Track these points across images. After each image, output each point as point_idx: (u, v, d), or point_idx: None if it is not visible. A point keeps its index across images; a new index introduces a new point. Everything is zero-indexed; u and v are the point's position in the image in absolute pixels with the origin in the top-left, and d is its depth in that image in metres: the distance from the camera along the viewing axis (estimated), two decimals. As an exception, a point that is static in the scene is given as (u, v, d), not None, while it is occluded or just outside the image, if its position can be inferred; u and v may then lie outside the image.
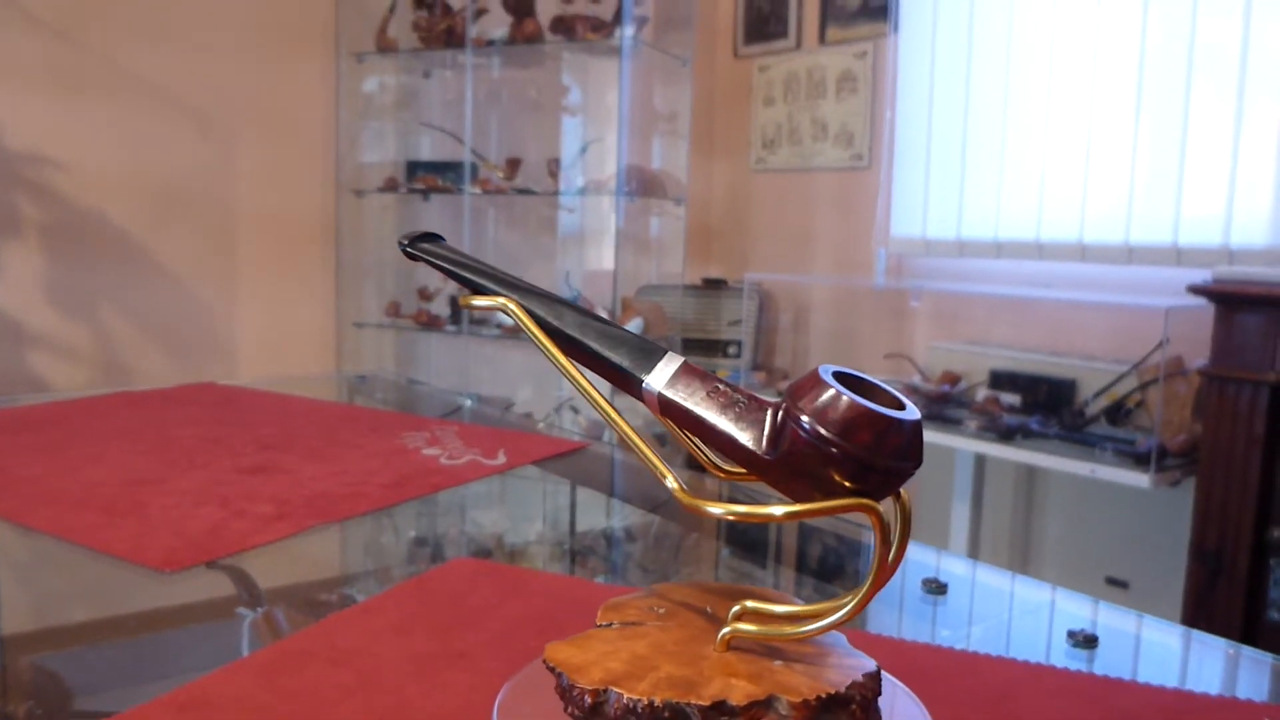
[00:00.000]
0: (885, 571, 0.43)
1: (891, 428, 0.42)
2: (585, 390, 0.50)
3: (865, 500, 0.43)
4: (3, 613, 0.76)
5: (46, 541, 0.82)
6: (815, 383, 0.44)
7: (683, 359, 0.48)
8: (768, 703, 0.41)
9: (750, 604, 0.47)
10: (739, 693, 0.41)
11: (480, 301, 0.53)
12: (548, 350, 0.51)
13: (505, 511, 1.04)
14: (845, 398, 0.42)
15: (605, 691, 0.42)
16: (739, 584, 0.52)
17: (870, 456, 0.42)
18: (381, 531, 0.92)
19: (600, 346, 0.50)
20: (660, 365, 0.48)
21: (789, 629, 0.45)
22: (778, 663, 0.44)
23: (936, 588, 0.74)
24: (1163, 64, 2.35)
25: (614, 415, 0.49)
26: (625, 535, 0.99)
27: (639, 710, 0.41)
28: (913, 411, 0.43)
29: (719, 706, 0.40)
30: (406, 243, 0.55)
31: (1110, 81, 2.45)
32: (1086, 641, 0.63)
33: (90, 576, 0.79)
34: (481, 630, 0.63)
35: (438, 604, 0.68)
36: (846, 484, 0.42)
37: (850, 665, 0.44)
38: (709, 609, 0.50)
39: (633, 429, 0.49)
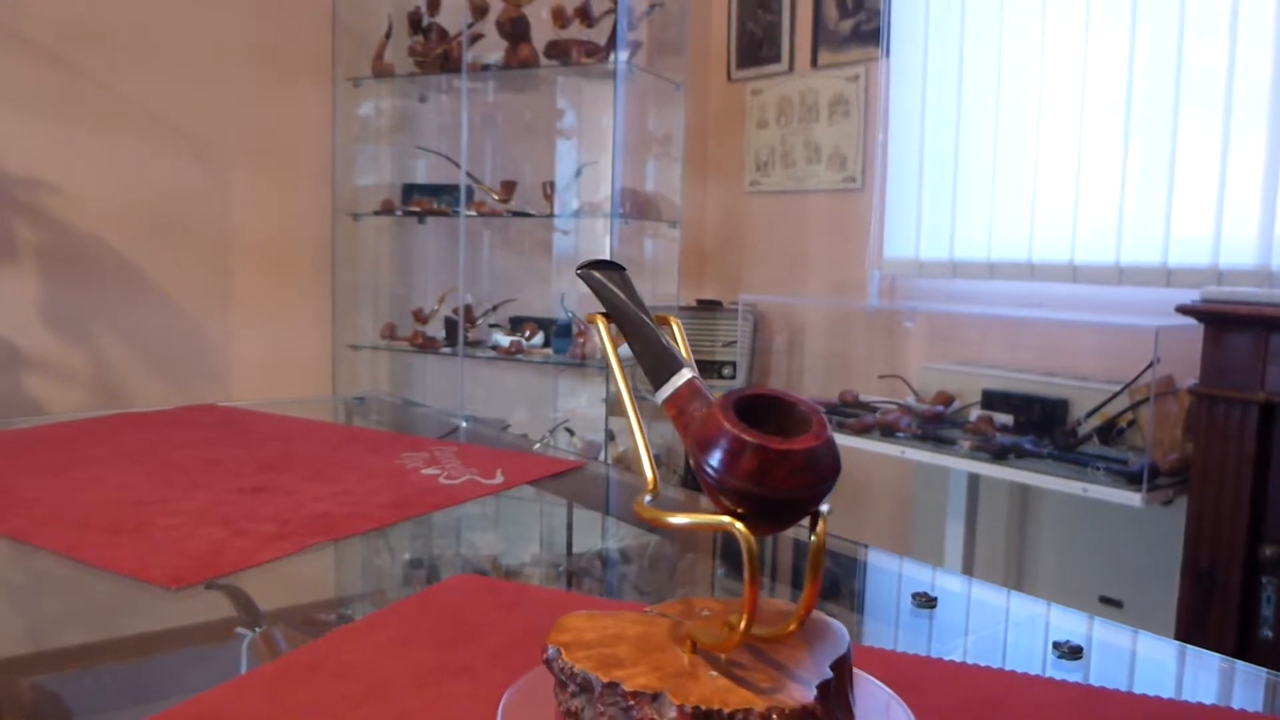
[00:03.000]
0: (753, 598, 0.43)
1: (745, 451, 0.42)
2: (624, 401, 0.53)
3: (730, 521, 0.43)
4: (9, 631, 0.77)
5: (52, 560, 0.83)
6: (716, 402, 0.45)
7: (690, 376, 0.50)
8: (654, 697, 0.43)
9: (733, 618, 0.48)
10: (637, 681, 0.44)
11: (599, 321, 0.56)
12: (611, 363, 0.54)
13: (503, 530, 1.05)
14: (716, 417, 0.43)
15: (553, 650, 0.47)
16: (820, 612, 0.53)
17: (720, 476, 0.42)
18: (382, 550, 0.93)
19: (642, 360, 0.52)
20: (671, 380, 0.50)
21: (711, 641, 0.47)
22: (713, 673, 0.45)
23: (926, 601, 0.76)
24: (1151, 87, 2.38)
25: (635, 426, 0.52)
26: (621, 553, 1.00)
27: (566, 672, 0.46)
28: (806, 441, 0.43)
29: (612, 686, 0.44)
30: (580, 270, 0.58)
31: (1099, 104, 2.48)
32: (1071, 653, 0.65)
33: (96, 595, 0.80)
34: (483, 644, 0.65)
35: (440, 619, 0.69)
36: (724, 502, 0.43)
37: (785, 692, 0.44)
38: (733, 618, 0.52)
39: (645, 442, 0.50)
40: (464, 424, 1.71)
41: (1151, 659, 0.72)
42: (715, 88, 3.66)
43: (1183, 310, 1.93)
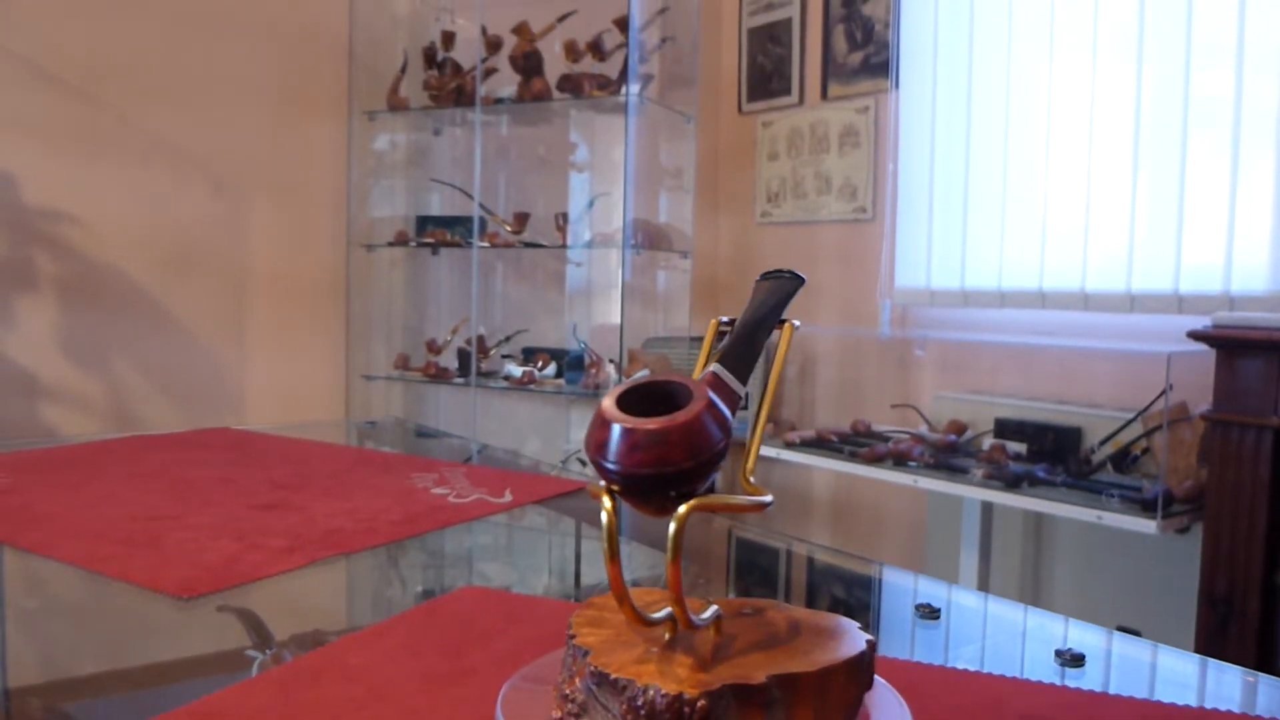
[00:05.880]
0: (616, 575, 0.47)
1: (598, 426, 0.47)
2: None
3: (600, 493, 0.48)
4: (22, 642, 0.77)
5: (67, 572, 0.84)
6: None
7: (711, 372, 0.53)
8: (585, 653, 0.49)
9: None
10: (587, 640, 0.50)
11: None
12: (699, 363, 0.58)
13: (511, 546, 1.05)
14: (603, 397, 0.48)
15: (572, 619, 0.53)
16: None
17: (588, 451, 0.47)
18: (391, 564, 0.93)
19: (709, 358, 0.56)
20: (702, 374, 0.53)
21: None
22: (653, 650, 0.49)
23: (929, 613, 0.76)
24: (1159, 115, 2.39)
25: None
26: (630, 570, 1.00)
27: (569, 634, 0.51)
28: (654, 422, 0.46)
29: (571, 638, 0.51)
30: (761, 276, 0.62)
31: (1108, 133, 2.50)
32: (1073, 660, 0.65)
33: (109, 607, 0.80)
34: (489, 651, 0.65)
35: (447, 627, 0.70)
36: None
37: (697, 683, 0.46)
38: (752, 619, 0.55)
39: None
40: (476, 449, 1.71)
41: (1150, 666, 0.72)
42: (726, 120, 3.70)
43: (1194, 336, 1.93)
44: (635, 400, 0.48)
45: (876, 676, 0.53)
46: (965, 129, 2.84)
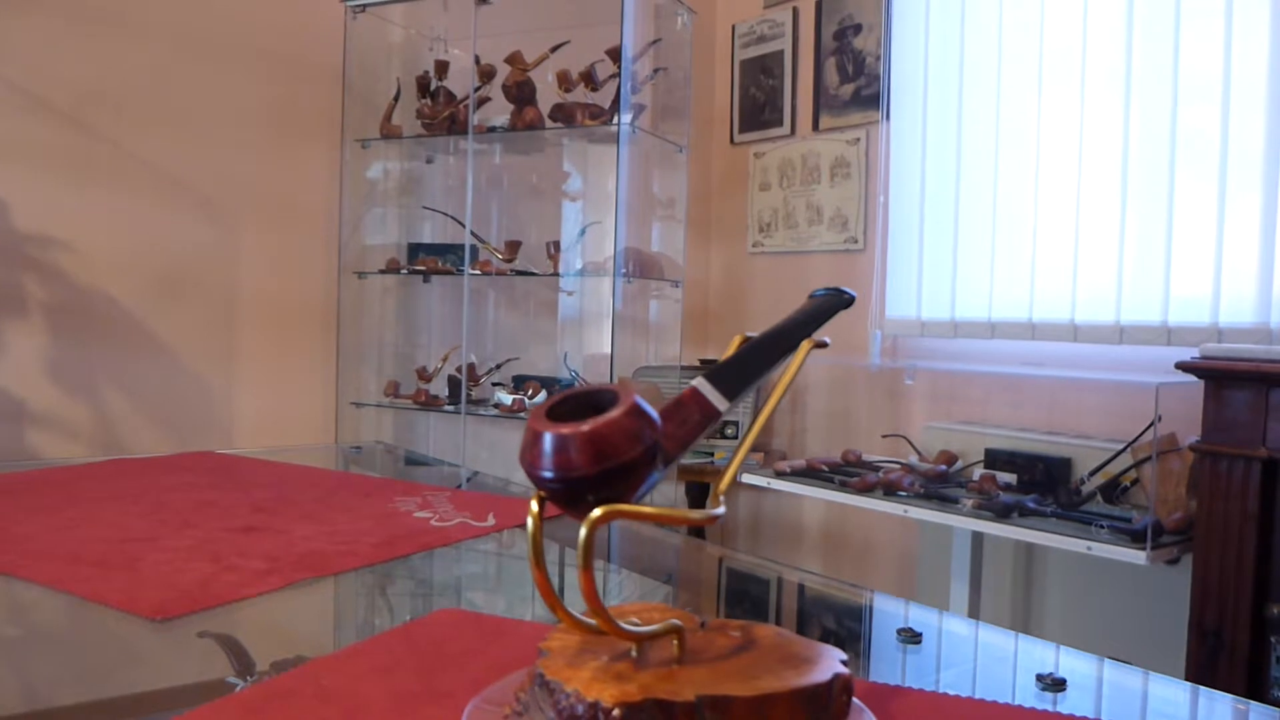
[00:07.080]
0: (541, 580, 0.49)
1: (527, 431, 0.48)
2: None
3: (533, 498, 0.49)
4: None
5: (40, 593, 0.83)
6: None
7: (692, 385, 0.54)
8: (541, 655, 0.51)
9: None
10: (551, 645, 0.52)
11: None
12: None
13: (492, 569, 1.04)
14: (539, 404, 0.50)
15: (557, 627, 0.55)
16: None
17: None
18: (370, 587, 0.92)
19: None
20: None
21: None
22: (604, 659, 0.50)
23: (911, 637, 0.75)
24: (1147, 149, 2.41)
25: None
26: (622, 592, 0.99)
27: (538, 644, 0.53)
28: (560, 427, 0.47)
29: (540, 647, 0.52)
30: (814, 293, 0.63)
31: (1097, 165, 2.51)
32: (1054, 684, 0.64)
33: (81, 630, 0.79)
34: (464, 672, 0.64)
35: (422, 649, 0.69)
36: None
37: (648, 692, 0.46)
38: (731, 639, 0.54)
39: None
40: (464, 474, 1.70)
41: (1126, 688, 0.71)
42: (718, 150, 3.72)
43: (1182, 367, 1.93)
44: (571, 409, 0.49)
45: (856, 700, 0.53)
46: (955, 161, 2.86)
